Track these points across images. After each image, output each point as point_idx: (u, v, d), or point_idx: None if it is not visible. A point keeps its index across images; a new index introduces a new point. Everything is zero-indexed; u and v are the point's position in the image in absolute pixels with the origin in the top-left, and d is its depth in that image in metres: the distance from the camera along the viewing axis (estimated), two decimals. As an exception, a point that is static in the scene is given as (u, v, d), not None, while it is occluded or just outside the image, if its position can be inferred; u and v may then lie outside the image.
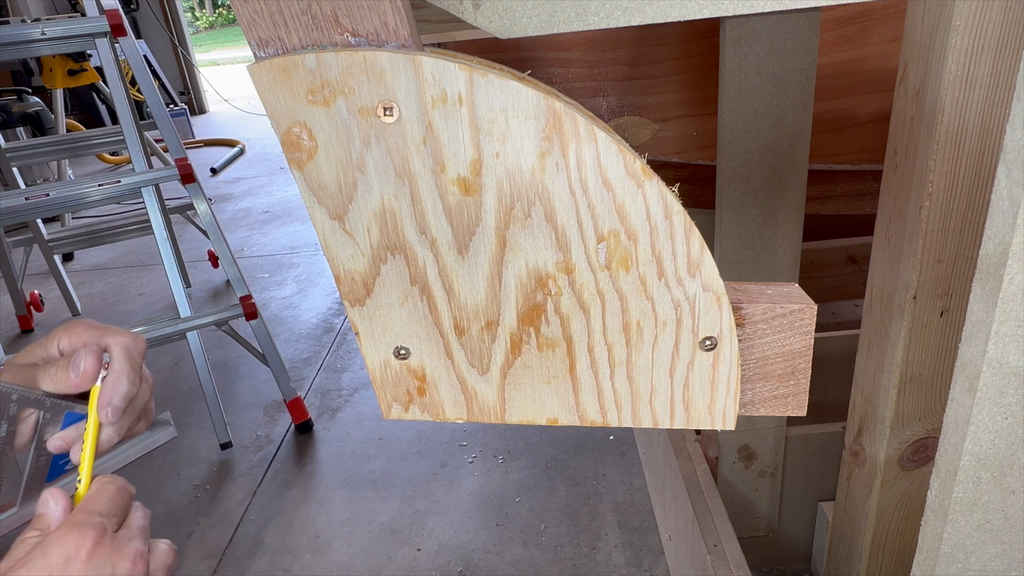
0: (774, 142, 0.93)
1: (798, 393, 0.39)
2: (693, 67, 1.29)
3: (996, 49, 0.54)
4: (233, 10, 0.32)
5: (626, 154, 0.32)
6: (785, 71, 0.89)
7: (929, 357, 0.70)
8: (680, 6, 0.43)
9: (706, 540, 0.98)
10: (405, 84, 0.32)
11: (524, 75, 0.33)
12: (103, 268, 3.02)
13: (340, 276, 0.37)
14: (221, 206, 3.72)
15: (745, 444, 1.15)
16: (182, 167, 1.70)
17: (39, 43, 1.62)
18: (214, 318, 1.70)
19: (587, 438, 1.66)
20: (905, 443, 0.76)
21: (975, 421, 0.41)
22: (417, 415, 0.41)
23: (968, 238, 0.63)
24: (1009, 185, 0.36)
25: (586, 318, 0.37)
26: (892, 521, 0.82)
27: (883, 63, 1.24)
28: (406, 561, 1.36)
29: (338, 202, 0.35)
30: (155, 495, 1.60)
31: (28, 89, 3.70)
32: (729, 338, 0.37)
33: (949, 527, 0.44)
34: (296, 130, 0.34)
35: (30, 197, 1.58)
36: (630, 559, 1.32)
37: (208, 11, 18.10)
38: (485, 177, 0.34)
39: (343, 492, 1.56)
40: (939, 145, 0.58)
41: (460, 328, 0.38)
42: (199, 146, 5.18)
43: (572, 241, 0.35)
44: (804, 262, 1.38)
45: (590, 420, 0.40)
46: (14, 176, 2.26)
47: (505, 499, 1.50)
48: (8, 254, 2.24)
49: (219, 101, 6.65)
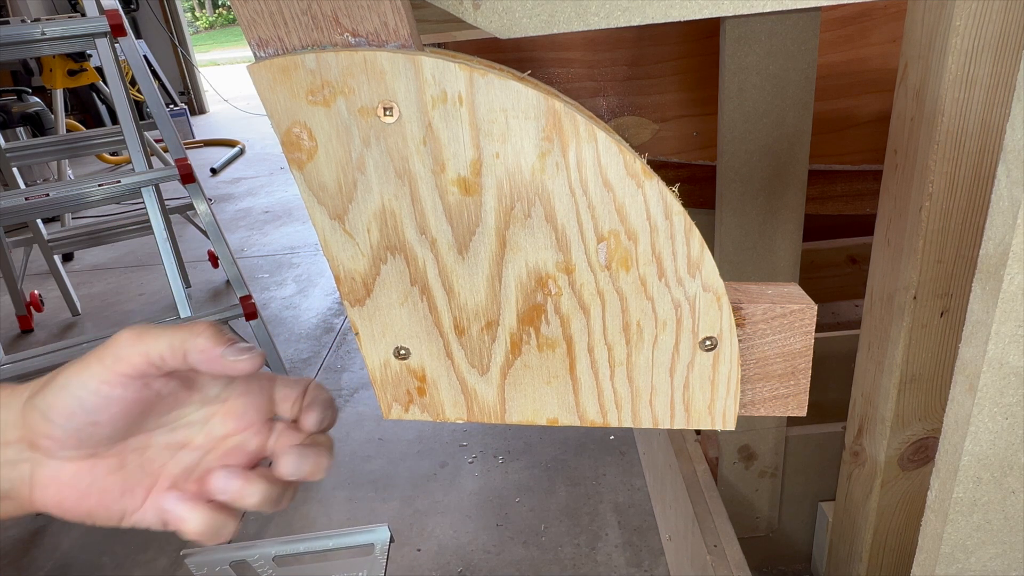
0: (774, 142, 0.93)
1: (798, 393, 0.39)
2: (693, 67, 1.29)
3: (996, 49, 0.54)
4: (233, 10, 0.32)
5: (626, 154, 0.32)
6: (785, 71, 0.89)
7: (929, 357, 0.70)
8: (680, 6, 0.43)
9: (706, 540, 0.98)
10: (405, 84, 0.32)
11: (524, 75, 0.33)
12: (103, 268, 3.02)
13: (340, 276, 0.37)
14: (221, 206, 3.72)
15: (745, 444, 1.15)
16: (182, 167, 1.70)
17: (39, 43, 1.62)
18: (214, 318, 1.70)
19: (587, 438, 1.66)
20: (905, 443, 0.76)
21: (975, 421, 0.41)
22: (417, 415, 0.41)
23: (968, 238, 0.63)
24: (1009, 185, 0.36)
25: (586, 318, 0.37)
26: (892, 521, 0.82)
27: (883, 63, 1.24)
28: (406, 561, 1.36)
29: (338, 202, 0.35)
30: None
31: (28, 89, 3.70)
32: (729, 338, 0.37)
33: (949, 527, 0.44)
34: (296, 130, 0.34)
35: (30, 197, 1.58)
36: (630, 559, 1.32)
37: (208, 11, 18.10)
38: (485, 177, 0.34)
39: (343, 492, 1.56)
40: (939, 145, 0.58)
41: (460, 328, 0.38)
42: (199, 146, 5.18)
43: (572, 241, 0.35)
44: (804, 262, 1.38)
45: (590, 420, 0.40)
46: (14, 176, 2.26)
47: (505, 499, 1.50)
48: (8, 254, 2.24)
49: (219, 101, 6.65)
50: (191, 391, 0.41)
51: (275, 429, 0.43)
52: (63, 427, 0.37)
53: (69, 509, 0.39)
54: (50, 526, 1.53)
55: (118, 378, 0.36)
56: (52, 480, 0.38)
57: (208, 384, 0.42)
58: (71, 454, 0.38)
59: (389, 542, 0.89)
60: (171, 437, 0.41)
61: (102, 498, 0.39)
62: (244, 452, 0.42)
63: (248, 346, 0.39)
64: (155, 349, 0.37)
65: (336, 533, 0.90)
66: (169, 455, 0.41)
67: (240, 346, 0.38)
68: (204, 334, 0.38)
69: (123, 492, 0.39)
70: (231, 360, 0.38)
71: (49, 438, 0.37)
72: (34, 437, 0.37)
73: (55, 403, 0.36)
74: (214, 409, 0.42)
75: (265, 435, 0.43)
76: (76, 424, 0.37)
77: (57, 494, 0.38)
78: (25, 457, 0.37)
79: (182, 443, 0.42)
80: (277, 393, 0.44)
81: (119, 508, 0.40)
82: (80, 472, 0.38)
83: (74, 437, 0.37)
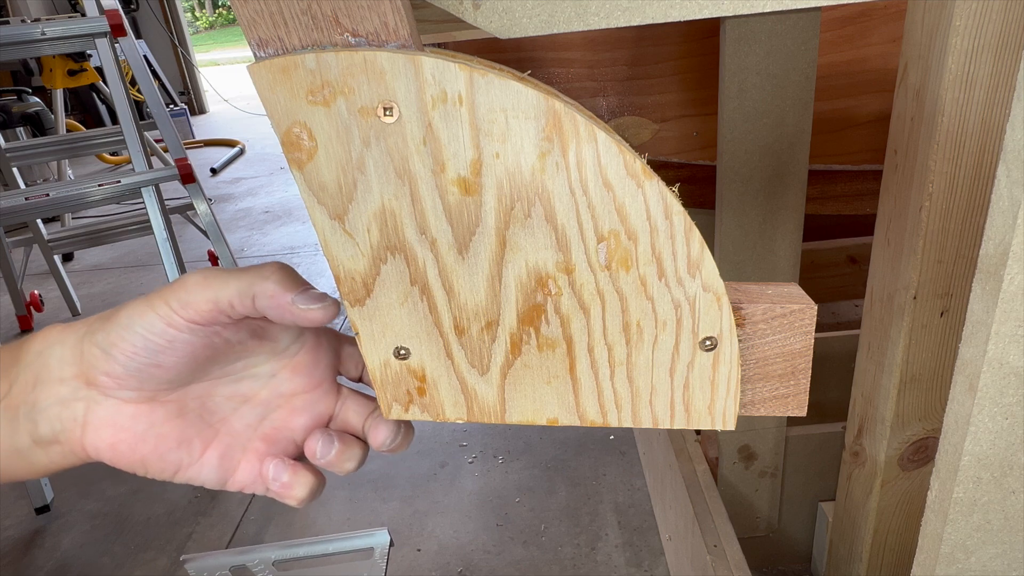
0: (774, 142, 0.93)
1: (798, 393, 0.39)
2: (693, 67, 1.29)
3: (996, 49, 0.54)
4: (233, 10, 0.32)
5: (626, 154, 0.32)
6: (785, 71, 0.89)
7: (929, 357, 0.70)
8: (680, 6, 0.43)
9: (706, 540, 0.98)
10: (405, 84, 0.32)
11: (524, 75, 0.33)
12: (103, 268, 3.02)
13: (340, 276, 0.37)
14: (221, 206, 3.72)
15: (745, 444, 1.15)
16: (182, 167, 1.70)
17: (39, 43, 1.62)
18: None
19: (587, 438, 1.66)
20: (905, 443, 0.76)
21: (975, 421, 0.41)
22: (417, 415, 0.41)
23: (968, 238, 0.63)
24: (1009, 185, 0.36)
25: (586, 318, 0.37)
26: (892, 521, 0.82)
27: (883, 63, 1.24)
28: (406, 561, 1.36)
29: (338, 202, 0.35)
30: (155, 495, 1.60)
31: (28, 89, 3.70)
32: (729, 338, 0.37)
33: (949, 527, 0.44)
34: (296, 130, 0.34)
35: (30, 197, 1.58)
36: (630, 559, 1.32)
37: (208, 11, 18.10)
38: (485, 177, 0.34)
39: (343, 492, 1.56)
40: (939, 145, 0.58)
41: (460, 328, 0.38)
42: (199, 146, 5.18)
43: (572, 241, 0.35)
44: (804, 262, 1.38)
45: (590, 420, 0.40)
46: (14, 176, 2.26)
47: (505, 499, 1.50)
48: (8, 254, 2.24)
49: (219, 101, 6.65)
50: (261, 340, 0.39)
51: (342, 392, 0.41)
52: (124, 365, 0.35)
53: (122, 454, 0.36)
54: (50, 526, 1.53)
55: (185, 323, 0.34)
56: (108, 421, 0.36)
57: (279, 335, 0.39)
58: (130, 395, 0.36)
59: (389, 546, 0.89)
60: (235, 388, 0.39)
61: (158, 445, 0.37)
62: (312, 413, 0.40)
63: (321, 294, 0.36)
64: (224, 295, 0.34)
65: (336, 537, 0.90)
66: (231, 408, 0.39)
67: (312, 293, 0.36)
68: (273, 277, 0.35)
69: (180, 442, 0.38)
70: (302, 308, 0.35)
71: (109, 375, 0.35)
72: (92, 374, 0.35)
73: (117, 340, 0.34)
74: (283, 363, 0.40)
75: (333, 397, 0.41)
76: (138, 364, 0.35)
77: (112, 436, 0.36)
78: (81, 396, 0.35)
79: (246, 396, 0.40)
80: (343, 351, 0.42)
81: (175, 458, 0.38)
82: (138, 415, 0.36)
83: (135, 377, 0.35)
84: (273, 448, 0.40)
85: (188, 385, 0.38)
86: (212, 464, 0.39)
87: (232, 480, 0.39)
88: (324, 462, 0.39)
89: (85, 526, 1.52)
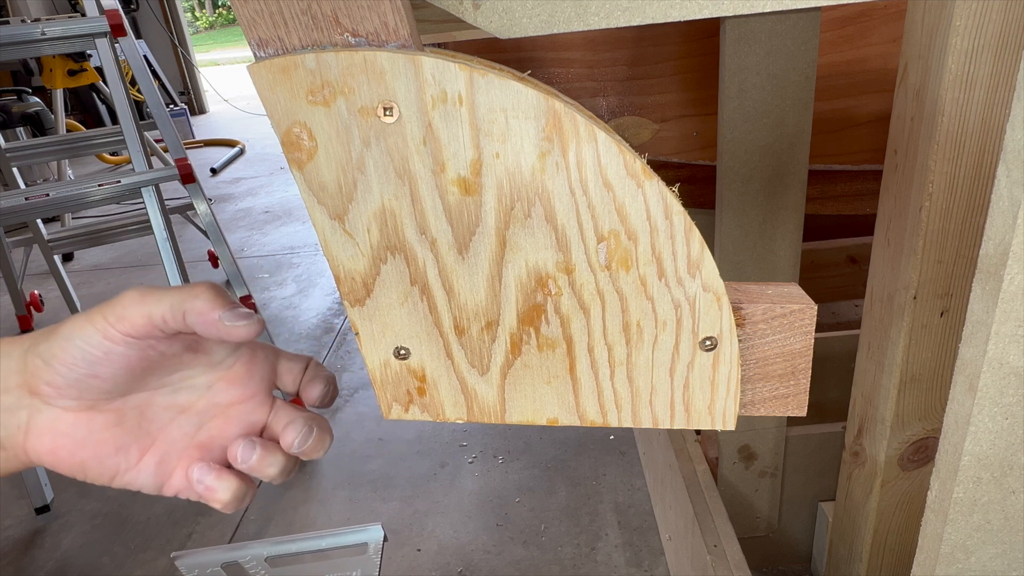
0: (774, 142, 0.93)
1: (798, 393, 0.39)
2: (693, 67, 1.29)
3: (996, 49, 0.54)
4: (233, 10, 0.32)
5: (626, 154, 0.32)
6: (785, 71, 0.89)
7: (929, 357, 0.70)
8: (680, 6, 0.43)
9: (706, 540, 0.98)
10: (405, 84, 0.32)
11: (524, 75, 0.33)
12: (103, 268, 3.02)
13: (340, 276, 0.37)
14: (221, 206, 3.72)
15: (745, 444, 1.15)
16: (182, 167, 1.70)
17: (39, 43, 1.62)
18: (214, 318, 1.69)
19: (587, 438, 1.66)
20: (905, 443, 0.76)
21: (975, 421, 0.41)
22: (417, 415, 0.41)
23: (968, 238, 0.63)
24: (1009, 185, 0.36)
25: (586, 318, 0.37)
26: (892, 521, 0.82)
27: (883, 63, 1.24)
28: (406, 561, 1.36)
29: (338, 202, 0.35)
30: (155, 495, 1.60)
31: (28, 89, 3.70)
32: (729, 338, 0.37)
33: (949, 527, 0.44)
34: (296, 130, 0.34)
35: (30, 197, 1.58)
36: (630, 559, 1.32)
37: (208, 11, 18.10)
38: (485, 177, 0.34)
39: (343, 492, 1.56)
40: (939, 145, 0.58)
41: (460, 328, 0.38)
42: (199, 146, 5.18)
43: (572, 241, 0.35)
44: (804, 262, 1.38)
45: (590, 420, 0.40)
46: (14, 176, 2.26)
47: (505, 499, 1.50)
48: (8, 254, 2.24)
49: (219, 101, 6.65)
50: (197, 354, 0.41)
51: (276, 404, 0.43)
52: (64, 375, 0.37)
53: (62, 459, 0.38)
54: (50, 526, 1.53)
55: (120, 336, 0.36)
56: (48, 428, 0.38)
57: (214, 349, 0.41)
58: (70, 404, 0.38)
59: (383, 541, 0.88)
60: (172, 399, 0.41)
61: (96, 451, 0.39)
62: (245, 422, 0.42)
63: (247, 312, 0.38)
64: (157, 310, 0.36)
65: (329, 533, 0.90)
66: (169, 417, 0.41)
67: (239, 311, 0.37)
68: (203, 296, 0.37)
69: (118, 449, 0.39)
70: (228, 325, 0.37)
71: (49, 384, 0.37)
72: (34, 383, 0.37)
73: (58, 352, 0.36)
74: (219, 375, 0.42)
75: (267, 408, 0.43)
76: (77, 374, 0.37)
77: (52, 443, 0.38)
78: (24, 404, 0.37)
79: (183, 407, 0.41)
80: (280, 366, 0.43)
81: (112, 464, 0.39)
82: (77, 423, 0.38)
83: (74, 387, 0.37)
84: (207, 455, 0.42)
85: (127, 395, 0.39)
86: (149, 470, 0.41)
87: (168, 485, 0.41)
88: (246, 467, 0.40)
89: (85, 526, 1.53)
